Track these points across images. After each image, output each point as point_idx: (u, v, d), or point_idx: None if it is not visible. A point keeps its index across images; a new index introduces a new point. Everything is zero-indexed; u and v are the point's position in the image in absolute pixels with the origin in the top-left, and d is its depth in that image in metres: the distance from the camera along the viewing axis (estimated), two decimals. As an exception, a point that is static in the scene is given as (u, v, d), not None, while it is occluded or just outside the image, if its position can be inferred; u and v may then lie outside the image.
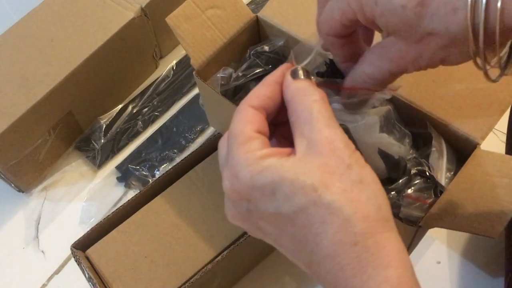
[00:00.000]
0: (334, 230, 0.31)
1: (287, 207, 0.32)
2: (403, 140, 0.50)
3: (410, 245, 0.51)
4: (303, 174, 0.31)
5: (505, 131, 0.64)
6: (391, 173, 0.50)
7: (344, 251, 0.30)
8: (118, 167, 0.80)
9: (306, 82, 0.36)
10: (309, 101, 0.34)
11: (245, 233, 0.62)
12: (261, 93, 0.37)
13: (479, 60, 0.35)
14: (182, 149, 0.81)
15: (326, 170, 0.31)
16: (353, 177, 0.32)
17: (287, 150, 0.34)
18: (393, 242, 0.31)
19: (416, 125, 0.52)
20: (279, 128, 0.40)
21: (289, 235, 0.33)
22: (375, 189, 0.32)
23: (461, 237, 0.68)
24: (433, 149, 0.50)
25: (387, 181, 0.51)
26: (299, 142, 0.34)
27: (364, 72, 0.40)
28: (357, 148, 0.35)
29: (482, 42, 0.33)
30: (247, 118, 0.35)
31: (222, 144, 0.38)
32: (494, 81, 0.38)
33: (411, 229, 0.47)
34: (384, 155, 0.49)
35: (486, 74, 0.37)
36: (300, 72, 0.37)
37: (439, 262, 0.66)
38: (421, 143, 0.54)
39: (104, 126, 0.83)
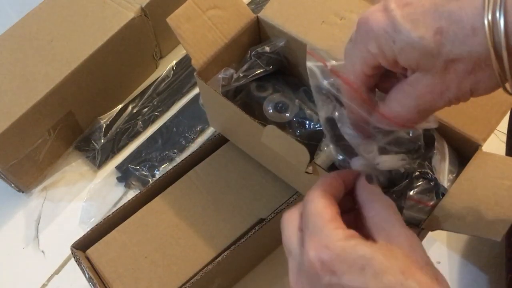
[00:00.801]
0: None
1: (374, 283, 0.34)
2: (409, 154, 0.50)
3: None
4: (391, 257, 0.34)
5: (506, 131, 0.64)
6: (395, 181, 0.50)
7: None
8: (118, 167, 0.80)
9: (379, 189, 0.41)
10: (386, 204, 0.39)
11: (245, 233, 0.62)
12: (333, 185, 0.41)
13: (507, 85, 0.34)
14: (182, 149, 0.81)
15: (409, 260, 0.35)
16: (430, 273, 0.35)
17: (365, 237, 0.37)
18: None
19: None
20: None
21: None
22: (446, 287, 0.36)
23: (461, 238, 0.68)
24: (436, 151, 0.50)
25: (388, 183, 0.51)
26: (378, 233, 0.37)
27: (391, 110, 0.39)
28: None
29: (506, 60, 0.32)
30: (327, 202, 0.39)
31: (292, 220, 0.41)
32: None
33: (413, 232, 0.47)
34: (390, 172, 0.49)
35: None
36: (375, 179, 0.41)
37: (439, 262, 0.66)
38: (423, 146, 0.53)
39: (104, 126, 0.83)
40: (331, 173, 0.42)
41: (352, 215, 0.42)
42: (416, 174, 0.50)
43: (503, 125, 0.62)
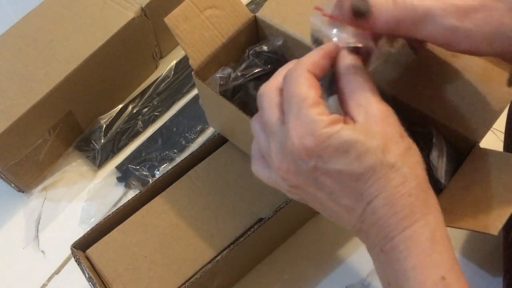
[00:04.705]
0: (395, 184, 0.37)
1: (357, 164, 0.37)
2: None
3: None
4: (371, 137, 0.37)
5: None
6: None
7: (401, 200, 0.37)
8: (118, 167, 0.80)
9: (359, 61, 0.41)
10: (363, 78, 0.40)
11: (245, 233, 0.62)
12: (317, 61, 0.41)
13: None
14: (182, 149, 0.81)
15: (386, 137, 0.37)
16: (405, 145, 0.38)
17: (344, 117, 0.39)
18: (434, 197, 0.39)
19: (416, 125, 0.52)
20: None
21: (350, 189, 0.38)
22: (418, 155, 0.39)
23: (460, 236, 0.68)
24: (434, 147, 0.50)
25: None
26: (356, 111, 0.39)
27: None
28: None
29: None
30: (310, 82, 0.39)
31: (272, 96, 0.41)
32: None
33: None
34: None
35: None
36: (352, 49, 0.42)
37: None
38: (421, 143, 0.53)
39: (104, 126, 0.83)
40: (315, 50, 0.42)
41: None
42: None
43: (502, 124, 0.62)
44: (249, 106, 0.61)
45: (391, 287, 0.38)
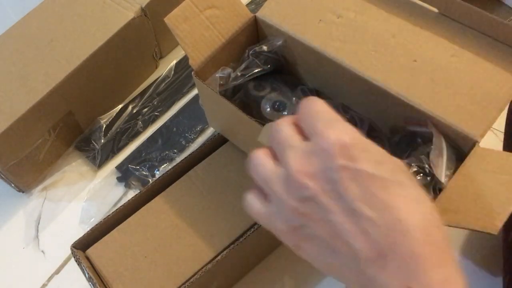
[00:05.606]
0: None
1: (390, 175, 0.35)
2: None
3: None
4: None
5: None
6: None
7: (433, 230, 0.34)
8: (118, 167, 0.80)
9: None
10: None
11: (245, 232, 0.62)
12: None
13: None
14: (182, 149, 0.81)
15: None
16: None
17: None
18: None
19: (416, 124, 0.52)
20: None
21: (376, 199, 0.34)
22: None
23: (460, 236, 0.68)
24: (433, 146, 0.50)
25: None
26: None
27: None
28: None
29: None
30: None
31: (287, 123, 0.39)
32: None
33: None
34: None
35: None
36: None
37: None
38: (420, 142, 0.53)
39: (104, 126, 0.83)
40: None
41: None
42: (414, 169, 0.50)
43: (503, 124, 0.62)
44: (248, 106, 0.61)
45: None
